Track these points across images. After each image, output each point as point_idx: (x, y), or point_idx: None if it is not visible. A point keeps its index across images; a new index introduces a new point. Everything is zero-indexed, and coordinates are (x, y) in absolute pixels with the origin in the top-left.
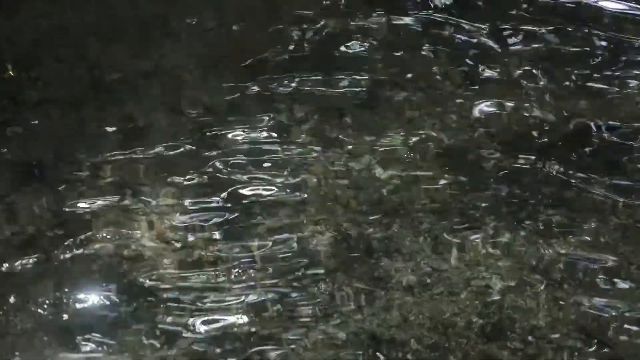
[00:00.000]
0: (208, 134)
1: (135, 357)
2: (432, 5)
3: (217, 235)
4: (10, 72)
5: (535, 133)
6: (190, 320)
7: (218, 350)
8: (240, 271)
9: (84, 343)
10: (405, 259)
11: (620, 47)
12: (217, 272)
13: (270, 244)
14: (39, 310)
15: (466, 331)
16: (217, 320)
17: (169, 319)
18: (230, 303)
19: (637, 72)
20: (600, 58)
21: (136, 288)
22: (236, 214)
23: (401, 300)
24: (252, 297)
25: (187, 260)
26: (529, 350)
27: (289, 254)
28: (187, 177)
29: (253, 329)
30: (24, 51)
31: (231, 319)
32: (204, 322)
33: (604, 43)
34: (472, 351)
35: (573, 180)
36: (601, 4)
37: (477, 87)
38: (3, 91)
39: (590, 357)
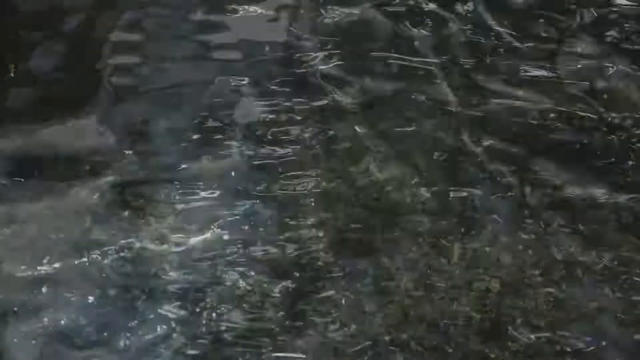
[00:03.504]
0: (209, 132)
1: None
2: None
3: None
4: (12, 73)
5: (534, 132)
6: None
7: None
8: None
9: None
10: (406, 259)
11: None
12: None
13: (269, 245)
14: (41, 311)
15: (466, 331)
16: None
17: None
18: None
19: None
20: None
21: (138, 288)
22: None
23: (401, 301)
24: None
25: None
26: (528, 351)
27: (289, 255)
28: (188, 175)
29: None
30: (23, 51)
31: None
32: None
33: None
34: (471, 351)
35: (573, 181)
36: None
37: (477, 87)
38: (3, 90)
39: (591, 358)
